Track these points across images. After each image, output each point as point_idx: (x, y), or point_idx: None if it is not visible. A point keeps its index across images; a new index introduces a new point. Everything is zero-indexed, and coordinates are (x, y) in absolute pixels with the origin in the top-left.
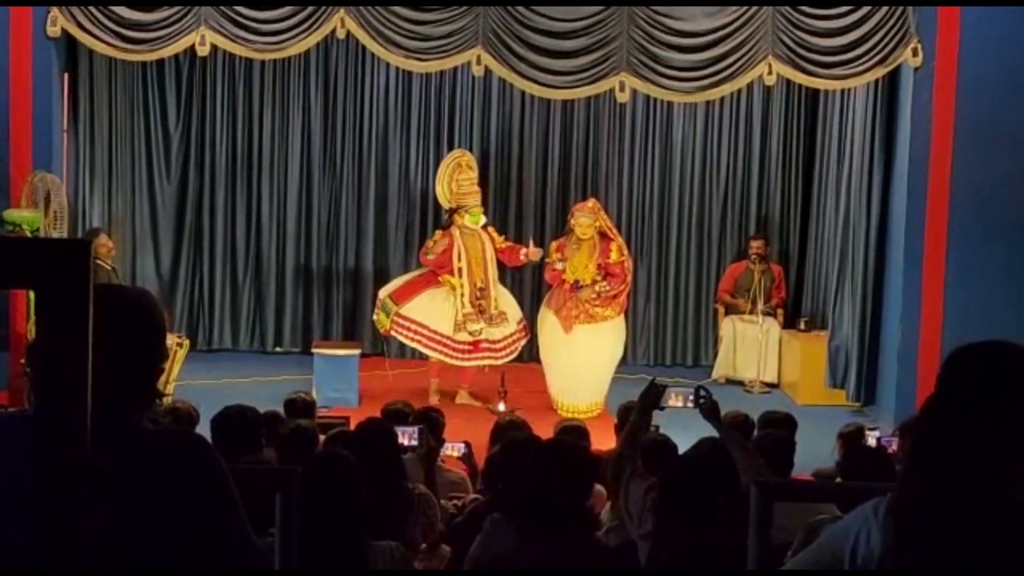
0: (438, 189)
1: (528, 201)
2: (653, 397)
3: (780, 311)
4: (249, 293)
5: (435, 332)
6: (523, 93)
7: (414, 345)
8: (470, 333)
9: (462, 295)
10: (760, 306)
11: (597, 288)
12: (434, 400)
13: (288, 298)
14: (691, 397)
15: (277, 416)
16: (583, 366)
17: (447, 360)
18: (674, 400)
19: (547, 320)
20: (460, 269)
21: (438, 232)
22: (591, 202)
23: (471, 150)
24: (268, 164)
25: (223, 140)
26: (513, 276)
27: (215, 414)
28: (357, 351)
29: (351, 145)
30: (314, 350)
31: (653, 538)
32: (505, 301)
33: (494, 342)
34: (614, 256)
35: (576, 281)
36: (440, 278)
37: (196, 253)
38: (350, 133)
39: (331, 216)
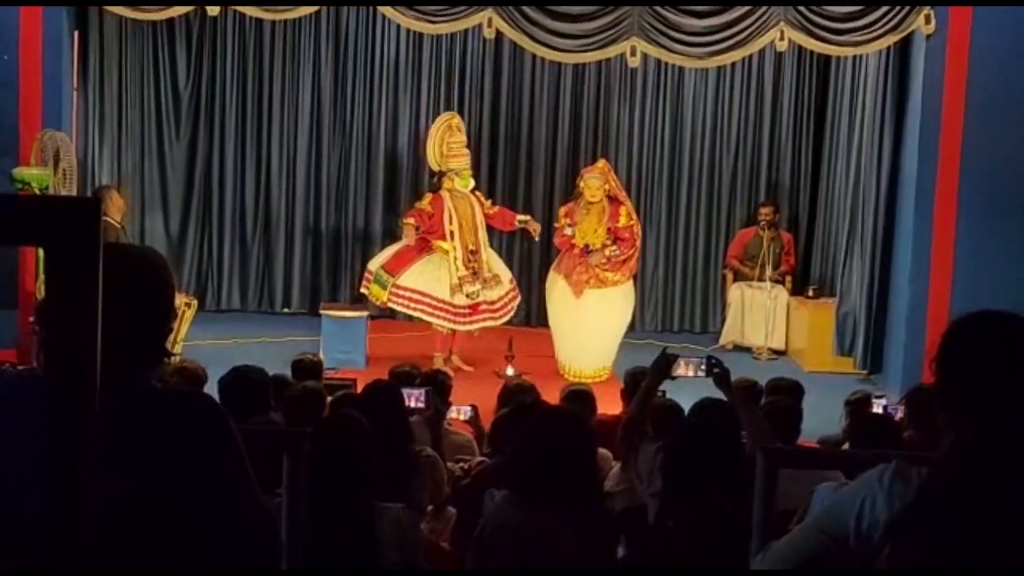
0: (428, 152)
1: (538, 163)
2: (664, 366)
3: (789, 278)
4: (258, 254)
5: (435, 298)
6: (534, 56)
7: (416, 314)
8: (468, 295)
9: (455, 259)
10: (769, 273)
11: (607, 252)
12: (437, 364)
13: (296, 259)
14: (702, 366)
15: (285, 379)
16: (592, 331)
17: (449, 325)
18: (684, 369)
19: (556, 285)
20: (452, 232)
21: (428, 195)
22: (601, 163)
23: (481, 114)
24: (278, 124)
25: (233, 100)
26: (520, 241)
27: (223, 375)
28: (365, 313)
29: (361, 106)
30: (322, 311)
31: (659, 503)
32: (495, 263)
33: (491, 303)
34: (623, 220)
35: (586, 245)
36: (432, 244)
37: (205, 213)
38: (360, 94)
39: (340, 177)
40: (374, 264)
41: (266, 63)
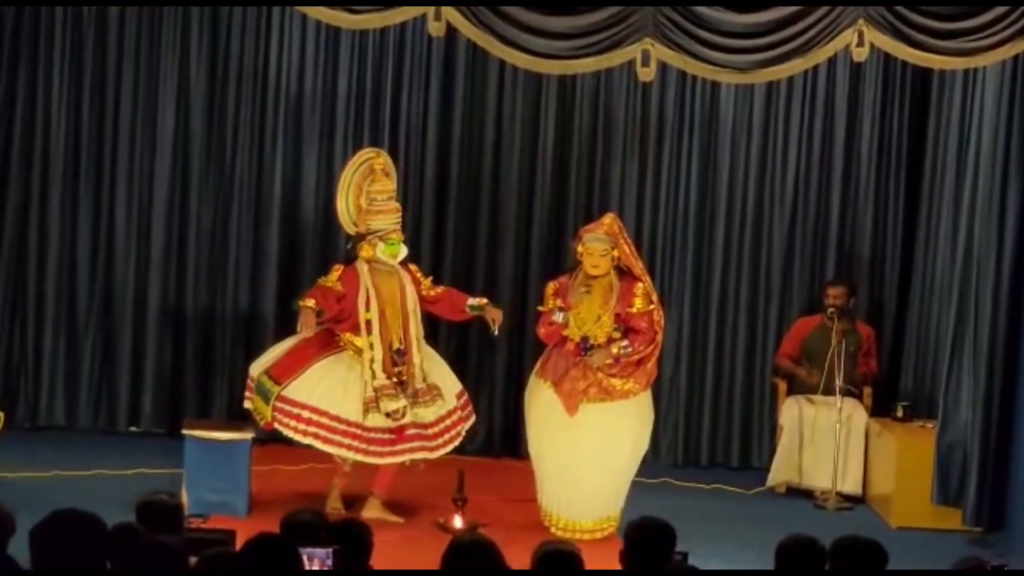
0: (339, 205)
1: (507, 222)
2: None
3: (868, 391)
4: (93, 347)
5: (337, 418)
6: (502, 64)
7: (308, 440)
8: (388, 415)
9: (372, 361)
10: (839, 381)
11: (615, 350)
12: (332, 511)
13: (150, 356)
14: None
15: (130, 529)
16: (593, 463)
17: (359, 457)
18: None
19: (540, 396)
20: (369, 323)
21: (338, 267)
22: (608, 219)
23: (423, 151)
24: (126, 165)
25: (61, 121)
26: (479, 333)
27: (38, 522)
28: (248, 436)
29: (247, 131)
30: (185, 432)
31: None
32: (435, 368)
33: (425, 427)
34: (639, 303)
35: (584, 339)
36: (339, 339)
37: (16, 286)
38: (246, 113)
39: (216, 240)
40: (256, 368)
41: (111, 70)
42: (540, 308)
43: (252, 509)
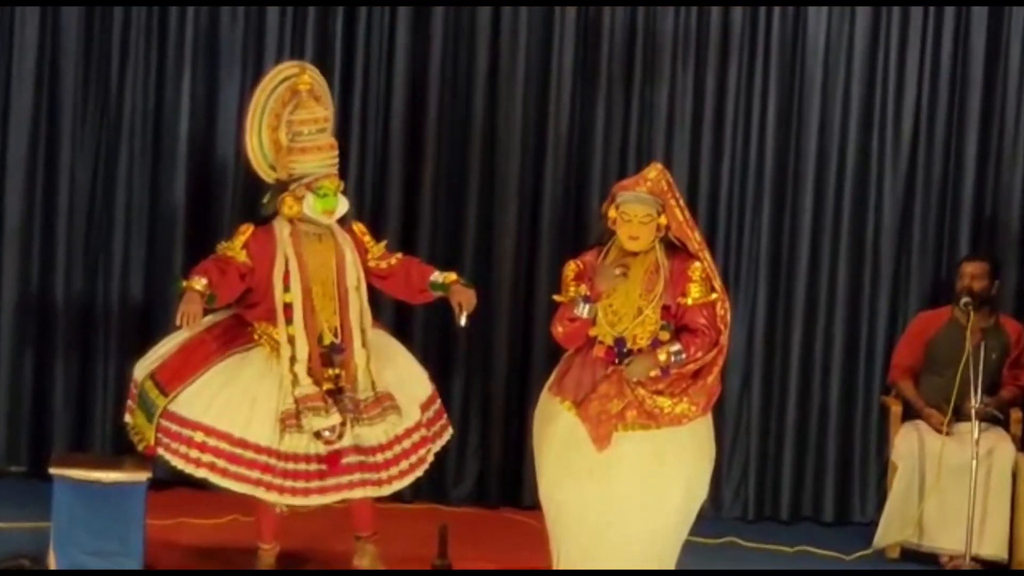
0: (249, 142)
1: (506, 178)
2: None
3: (1018, 414)
4: None
5: (243, 443)
6: None
7: (202, 473)
8: (318, 436)
9: (294, 361)
10: (976, 403)
11: (662, 357)
12: None
13: (2, 368)
14: None
15: None
16: (631, 517)
17: (272, 497)
18: None
19: (557, 422)
20: (289, 307)
21: (246, 227)
22: (654, 172)
23: (389, 74)
24: None
25: None
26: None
27: None
28: (143, 476)
29: (140, 48)
30: (54, 471)
31: None
32: (389, 367)
33: (370, 451)
34: (696, 291)
35: (619, 342)
36: (252, 329)
37: None
38: (139, 22)
39: (97, 195)
40: (140, 369)
41: None
42: (556, 298)
43: None
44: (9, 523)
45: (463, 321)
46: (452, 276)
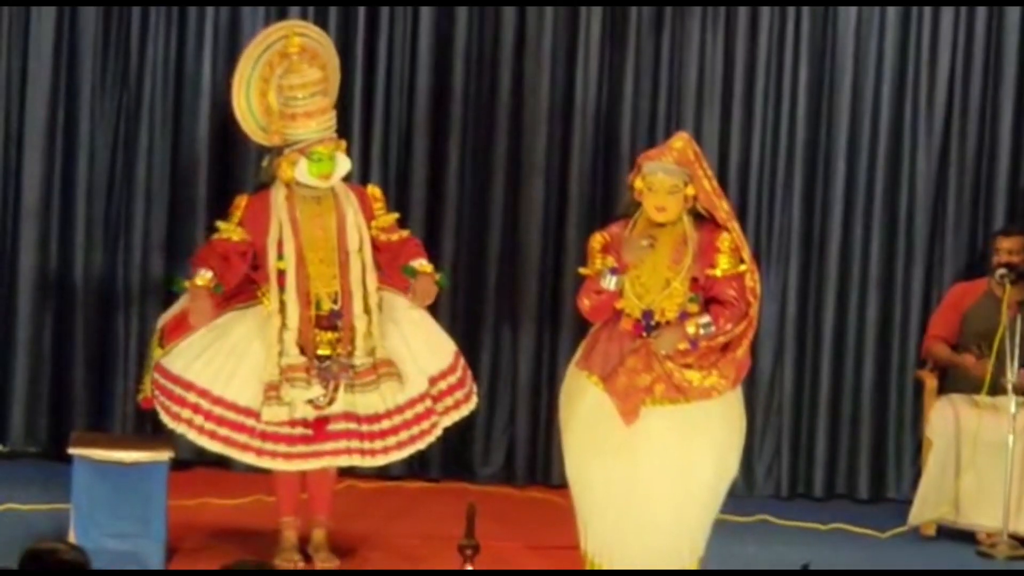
0: (238, 104)
1: (533, 151)
2: None
3: None
4: None
5: (220, 401)
6: None
7: (181, 429)
8: (309, 403)
9: (284, 328)
10: (1011, 375)
11: (691, 329)
12: (285, 565)
13: (21, 344)
14: None
15: None
16: (660, 494)
17: (251, 459)
18: None
19: (584, 397)
20: (283, 274)
21: (242, 198)
22: (680, 142)
23: (414, 46)
24: None
25: None
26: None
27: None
28: (165, 456)
29: (162, 11)
30: (73, 451)
31: None
32: (396, 333)
33: (365, 420)
34: (725, 263)
35: (647, 314)
36: (257, 286)
37: None
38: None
39: (117, 168)
40: (160, 321)
41: None
42: (582, 271)
43: (170, 560)
44: (27, 505)
45: (413, 305)
46: (428, 268)
